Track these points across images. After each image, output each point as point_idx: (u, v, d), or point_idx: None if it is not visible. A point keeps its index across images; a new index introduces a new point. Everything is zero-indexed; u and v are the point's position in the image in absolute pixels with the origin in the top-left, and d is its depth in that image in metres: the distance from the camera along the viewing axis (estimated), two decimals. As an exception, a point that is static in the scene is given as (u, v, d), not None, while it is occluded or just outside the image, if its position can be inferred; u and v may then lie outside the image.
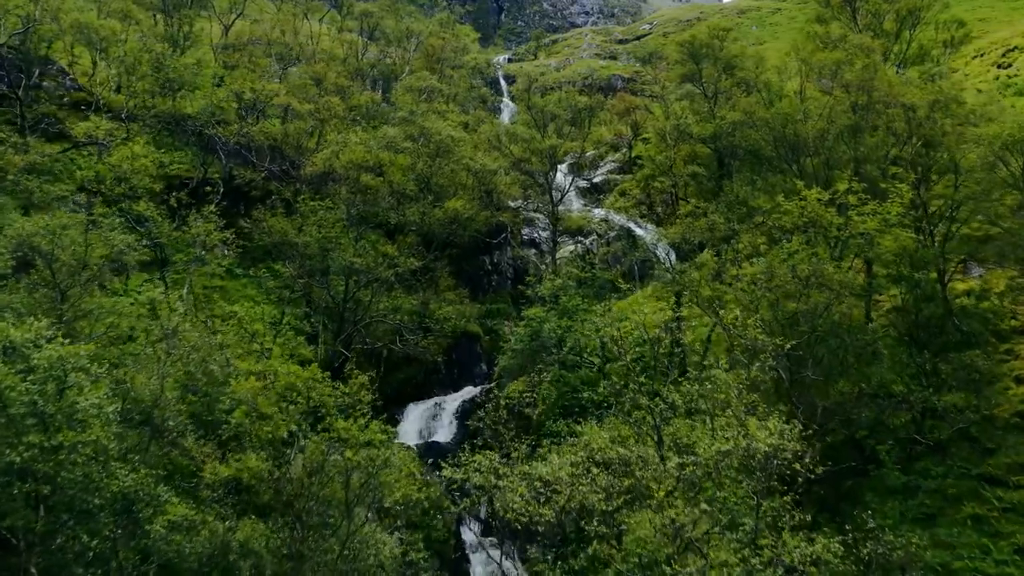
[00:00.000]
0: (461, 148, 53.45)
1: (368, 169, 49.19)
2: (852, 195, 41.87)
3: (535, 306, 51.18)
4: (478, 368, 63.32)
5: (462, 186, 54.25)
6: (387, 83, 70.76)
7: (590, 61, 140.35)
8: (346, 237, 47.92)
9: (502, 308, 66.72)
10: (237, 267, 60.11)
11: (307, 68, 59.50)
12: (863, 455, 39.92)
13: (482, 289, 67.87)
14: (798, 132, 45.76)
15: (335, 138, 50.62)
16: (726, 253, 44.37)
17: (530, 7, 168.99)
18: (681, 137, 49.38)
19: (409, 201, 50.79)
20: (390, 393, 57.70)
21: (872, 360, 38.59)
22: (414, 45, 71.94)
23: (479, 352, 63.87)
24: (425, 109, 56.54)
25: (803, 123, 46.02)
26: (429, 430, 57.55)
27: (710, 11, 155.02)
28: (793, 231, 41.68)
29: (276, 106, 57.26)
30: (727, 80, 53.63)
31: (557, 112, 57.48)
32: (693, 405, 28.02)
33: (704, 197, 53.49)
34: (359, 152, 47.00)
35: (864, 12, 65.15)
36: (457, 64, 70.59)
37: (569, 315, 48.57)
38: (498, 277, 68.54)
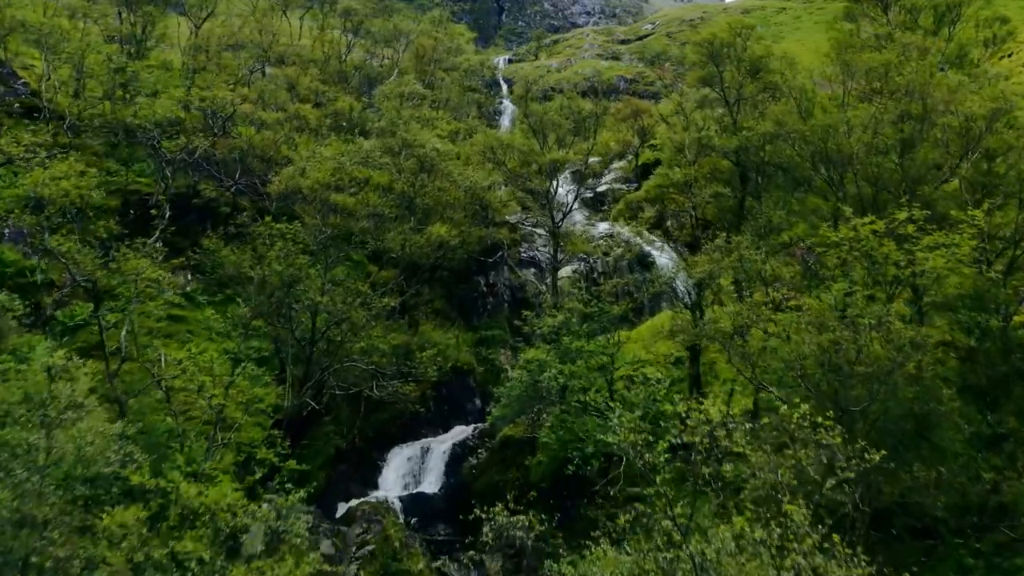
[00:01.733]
0: (448, 163, 44.88)
1: (341, 189, 40.71)
2: (911, 224, 33.38)
3: (533, 347, 42.89)
4: (471, 404, 54.76)
5: (450, 204, 45.68)
6: (373, 86, 62.11)
7: (592, 62, 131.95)
8: (314, 269, 39.36)
9: (498, 335, 58.10)
10: (200, 293, 51.63)
11: (279, 71, 50.93)
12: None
13: (476, 313, 59.26)
14: (841, 147, 37.19)
15: (304, 152, 41.97)
16: (753, 287, 35.88)
17: (531, 7, 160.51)
18: (702, 151, 40.85)
19: (390, 224, 42.28)
20: (371, 435, 49.29)
21: (940, 427, 30.20)
22: (403, 45, 63.32)
23: (472, 386, 55.26)
24: (409, 116, 47.88)
25: (846, 136, 37.45)
26: (415, 478, 49.15)
27: (713, 11, 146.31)
28: (841, 267, 33.22)
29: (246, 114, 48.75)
30: (752, 85, 44.97)
31: (558, 121, 48.89)
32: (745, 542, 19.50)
33: (724, 216, 44.94)
34: (327, 171, 38.44)
35: (898, 8, 56.47)
36: (450, 67, 61.90)
37: (572, 358, 40.25)
38: (494, 300, 59.88)
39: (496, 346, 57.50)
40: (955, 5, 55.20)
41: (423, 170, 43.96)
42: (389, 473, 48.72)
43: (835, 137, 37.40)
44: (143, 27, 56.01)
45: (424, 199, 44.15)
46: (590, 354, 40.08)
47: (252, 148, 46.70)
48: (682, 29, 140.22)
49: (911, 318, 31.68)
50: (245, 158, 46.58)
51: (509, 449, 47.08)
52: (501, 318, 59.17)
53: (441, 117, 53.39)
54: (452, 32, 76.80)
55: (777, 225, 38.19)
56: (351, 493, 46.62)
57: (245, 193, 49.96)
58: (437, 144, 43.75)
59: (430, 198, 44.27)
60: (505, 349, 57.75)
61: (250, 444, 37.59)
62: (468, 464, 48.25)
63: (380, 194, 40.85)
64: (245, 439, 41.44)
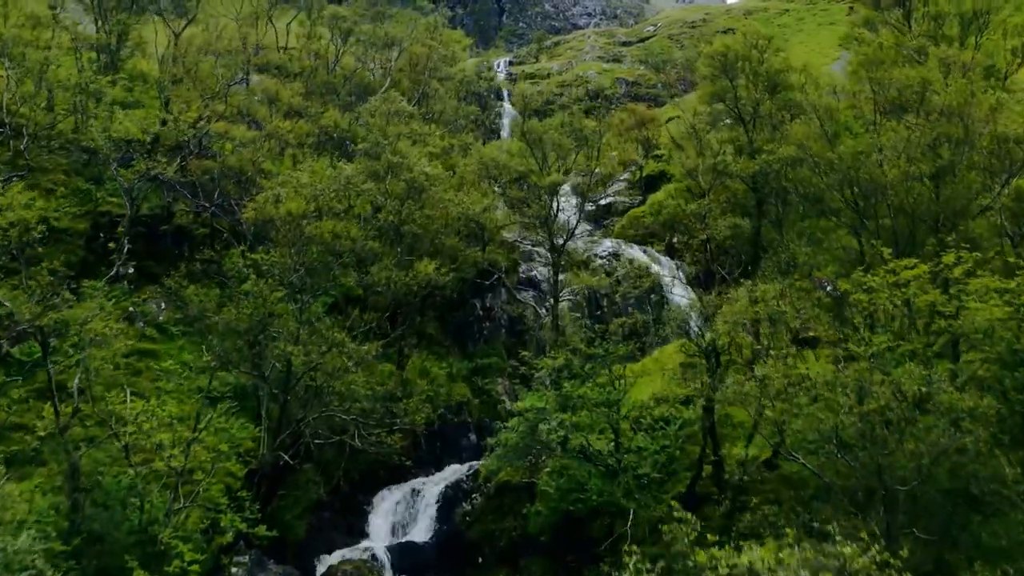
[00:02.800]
0: (438, 188, 40.05)
1: (321, 215, 35.95)
2: (959, 266, 28.68)
3: (532, 389, 38.27)
4: (465, 439, 49.96)
5: (441, 231, 40.90)
6: (364, 97, 57.22)
7: (593, 64, 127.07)
8: (290, 306, 34.61)
9: (495, 363, 53.14)
10: (175, 323, 46.83)
11: (259, 85, 46.07)
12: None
13: (471, 339, 54.35)
14: (873, 176, 32.38)
15: (281, 177, 37.10)
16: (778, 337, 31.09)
17: (531, 8, 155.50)
18: (717, 177, 35.99)
19: (373, 257, 37.54)
20: (357, 478, 44.50)
21: (1001, 513, 25.49)
22: (396, 53, 58.42)
23: (467, 420, 50.51)
24: (398, 132, 43.00)
25: (879, 164, 32.66)
26: (404, 524, 44.50)
27: (715, 12, 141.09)
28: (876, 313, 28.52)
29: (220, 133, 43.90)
30: (769, 102, 40.09)
31: (558, 140, 44.10)
32: None
33: (740, 245, 40.16)
34: (302, 200, 33.64)
35: (921, 16, 51.55)
36: (444, 76, 56.91)
37: (573, 406, 35.62)
38: (490, 325, 54.98)
39: (493, 375, 52.68)
40: (983, 12, 50.25)
41: (411, 195, 39.17)
42: (376, 519, 44.06)
43: (866, 165, 32.57)
44: (117, 36, 51.19)
45: (412, 226, 39.35)
46: (594, 402, 35.44)
47: (226, 169, 41.94)
48: (684, 31, 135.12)
49: (962, 381, 26.87)
50: (219, 180, 41.83)
51: (506, 496, 42.46)
52: (498, 344, 54.36)
53: (433, 132, 48.51)
54: (448, 38, 71.72)
55: (803, 264, 33.49)
56: (335, 543, 41.95)
57: (222, 216, 45.19)
58: (426, 167, 38.92)
59: (418, 226, 39.45)
60: (503, 378, 52.95)
61: (215, 507, 33.03)
62: (461, 510, 43.60)
63: (362, 224, 35.98)
64: (215, 491, 36.88)
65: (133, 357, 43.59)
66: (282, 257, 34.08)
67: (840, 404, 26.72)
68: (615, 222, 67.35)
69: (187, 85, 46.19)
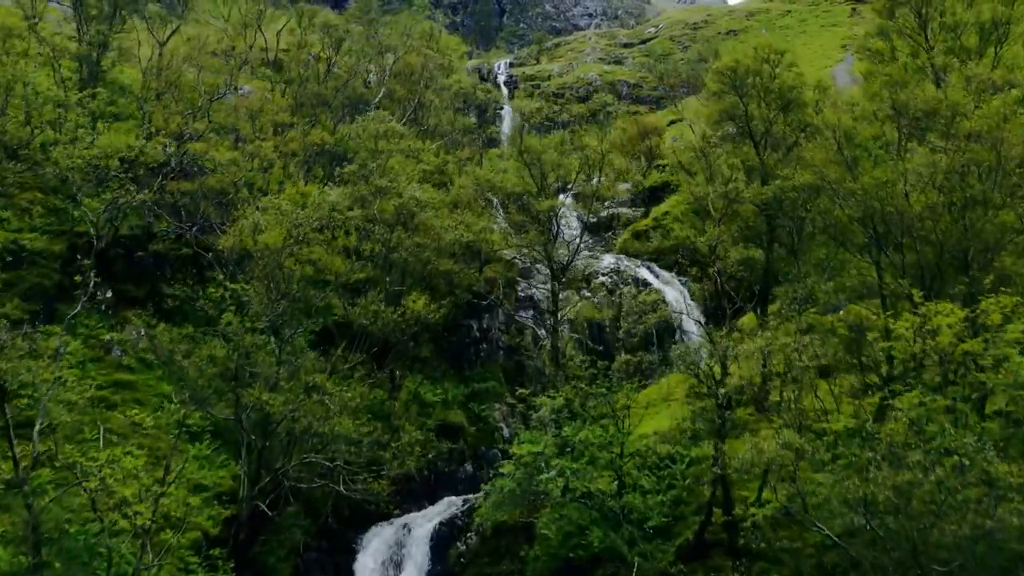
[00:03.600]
0: (430, 214, 36.92)
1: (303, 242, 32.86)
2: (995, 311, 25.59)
3: (529, 428, 35.23)
4: (461, 470, 46.83)
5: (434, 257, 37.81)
6: (358, 108, 54.08)
7: (594, 66, 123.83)
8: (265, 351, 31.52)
9: (492, 387, 49.92)
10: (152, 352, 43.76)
11: (247, 95, 42.86)
12: None
13: (468, 361, 51.13)
14: (900, 208, 29.26)
15: (264, 202, 33.92)
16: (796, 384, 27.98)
17: (532, 9, 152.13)
18: (729, 205, 32.81)
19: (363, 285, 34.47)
20: (347, 514, 41.41)
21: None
22: (390, 62, 55.16)
23: (463, 448, 47.38)
24: (388, 149, 39.84)
25: (904, 195, 29.53)
26: (395, 563, 41.48)
27: (718, 13, 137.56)
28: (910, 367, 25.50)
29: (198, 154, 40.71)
30: (782, 121, 36.85)
31: (557, 161, 41.00)
32: None
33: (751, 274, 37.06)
34: (278, 233, 30.53)
35: (938, 26, 48.23)
36: (440, 88, 53.56)
37: (574, 453, 32.62)
38: (487, 347, 51.85)
39: (490, 400, 49.52)
40: (1003, 22, 46.95)
41: (401, 221, 36.08)
42: (365, 558, 40.97)
43: (891, 195, 29.43)
44: (97, 47, 48.04)
45: (403, 252, 36.24)
46: (597, 446, 32.44)
47: (207, 190, 38.88)
48: (686, 32, 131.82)
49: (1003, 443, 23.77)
50: (199, 201, 38.79)
51: (502, 537, 39.61)
52: (496, 367, 51.18)
53: (427, 148, 45.34)
54: (445, 45, 68.34)
55: (825, 303, 30.46)
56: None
57: (203, 237, 42.08)
58: (416, 192, 35.80)
59: (408, 254, 36.33)
60: (500, 404, 49.81)
61: (186, 568, 30.05)
62: (455, 550, 40.64)
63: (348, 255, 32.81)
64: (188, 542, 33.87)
65: (108, 390, 40.71)
66: (258, 295, 30.97)
67: (866, 462, 23.73)
68: (617, 234, 64.28)
69: (169, 99, 43.00)
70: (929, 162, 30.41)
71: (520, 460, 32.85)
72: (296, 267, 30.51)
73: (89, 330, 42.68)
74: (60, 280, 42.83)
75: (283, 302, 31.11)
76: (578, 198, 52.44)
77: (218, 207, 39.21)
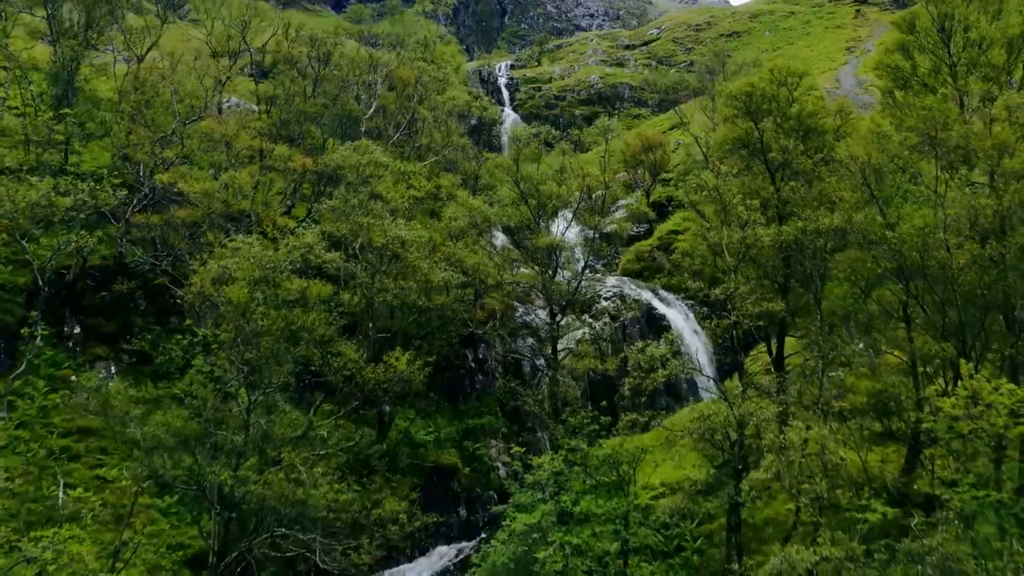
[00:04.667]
0: (415, 255, 32.91)
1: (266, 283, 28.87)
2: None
3: (526, 490, 31.32)
4: (454, 515, 42.89)
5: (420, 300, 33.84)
6: (348, 126, 50.03)
7: (596, 68, 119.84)
8: (231, 415, 27.64)
9: (488, 423, 46.06)
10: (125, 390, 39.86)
11: (213, 124, 38.69)
12: None
13: (463, 393, 47.22)
14: (941, 260, 25.32)
15: (233, 245, 29.95)
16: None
17: (533, 9, 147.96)
18: (747, 251, 28.77)
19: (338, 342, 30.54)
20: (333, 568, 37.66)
21: None
22: (382, 76, 51.03)
23: (456, 491, 43.40)
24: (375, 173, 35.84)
25: (942, 243, 25.57)
26: (383, 626, 37.73)
27: (720, 15, 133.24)
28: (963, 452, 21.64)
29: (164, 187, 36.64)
30: (804, 154, 32.74)
31: (555, 192, 37.00)
32: None
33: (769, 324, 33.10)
34: (242, 289, 26.54)
35: (960, 40, 44.12)
36: (434, 106, 49.45)
37: (573, 522, 28.76)
38: (483, 377, 47.99)
39: (485, 437, 45.68)
40: (1033, 36, 42.87)
41: (384, 264, 32.15)
42: (351, 623, 37.27)
43: (931, 247, 25.45)
44: (69, 63, 44.12)
45: (387, 297, 32.31)
46: (601, 518, 28.58)
47: (175, 223, 35.02)
48: (688, 34, 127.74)
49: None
50: (165, 237, 34.96)
51: (497, 605, 35.58)
52: (492, 400, 47.29)
53: (419, 171, 41.33)
54: (441, 53, 64.08)
55: (857, 365, 26.59)
56: (301, 652, 35.34)
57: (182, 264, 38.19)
58: (401, 231, 31.86)
59: (394, 297, 32.41)
60: (496, 440, 45.99)
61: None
62: (449, 615, 36.97)
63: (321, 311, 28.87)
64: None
65: (72, 437, 36.89)
66: (225, 351, 27.09)
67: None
68: (620, 252, 60.29)
69: (140, 124, 39.02)
70: (971, 205, 26.42)
71: (514, 532, 28.93)
72: (264, 321, 26.55)
73: (55, 369, 39.17)
74: (24, 315, 39.21)
75: (253, 353, 27.15)
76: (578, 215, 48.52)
77: (191, 239, 35.26)
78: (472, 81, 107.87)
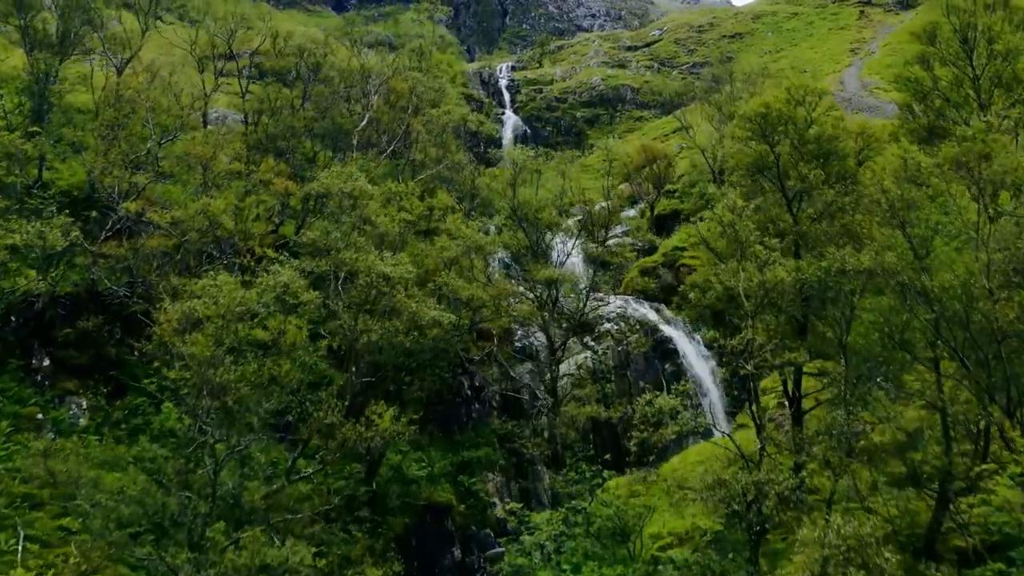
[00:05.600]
0: (400, 295, 29.63)
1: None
2: None
3: (522, 552, 28.10)
4: (448, 557, 39.69)
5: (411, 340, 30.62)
6: (338, 140, 46.74)
7: (598, 70, 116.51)
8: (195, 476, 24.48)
9: (484, 455, 42.74)
10: (100, 426, 36.74)
11: (188, 141, 35.35)
12: None
13: (458, 423, 43.91)
14: (987, 312, 22.09)
15: (201, 284, 26.72)
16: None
17: (535, 10, 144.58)
18: (766, 295, 25.47)
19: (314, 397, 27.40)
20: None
21: None
22: (375, 86, 47.66)
23: (450, 530, 40.17)
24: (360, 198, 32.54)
25: (987, 292, 22.35)
26: None
27: (723, 15, 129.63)
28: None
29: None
30: (820, 176, 29.45)
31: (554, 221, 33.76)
32: None
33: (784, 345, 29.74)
34: (205, 343, 23.34)
35: (984, 52, 40.84)
36: (428, 120, 45.97)
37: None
38: (480, 406, 44.76)
39: (482, 470, 42.41)
40: (1063, 47, 39.59)
41: (367, 303, 28.94)
42: None
43: (975, 297, 22.21)
44: (44, 77, 40.91)
45: (371, 337, 29.07)
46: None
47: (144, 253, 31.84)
48: (690, 35, 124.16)
49: None
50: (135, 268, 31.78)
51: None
52: (488, 431, 43.95)
53: (411, 191, 38.07)
54: (437, 61, 60.63)
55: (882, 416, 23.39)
56: None
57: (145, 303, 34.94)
58: (386, 268, 28.60)
59: (379, 338, 29.17)
60: (494, 474, 42.75)
61: None
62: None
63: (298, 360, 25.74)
64: None
65: (35, 483, 33.80)
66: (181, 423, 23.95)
67: None
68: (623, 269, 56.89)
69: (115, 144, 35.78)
70: (1018, 246, 23.14)
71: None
72: (230, 375, 23.36)
73: (20, 406, 36.02)
74: (-12, 345, 36.17)
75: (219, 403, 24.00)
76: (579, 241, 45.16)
77: (162, 271, 32.05)
78: (473, 83, 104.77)
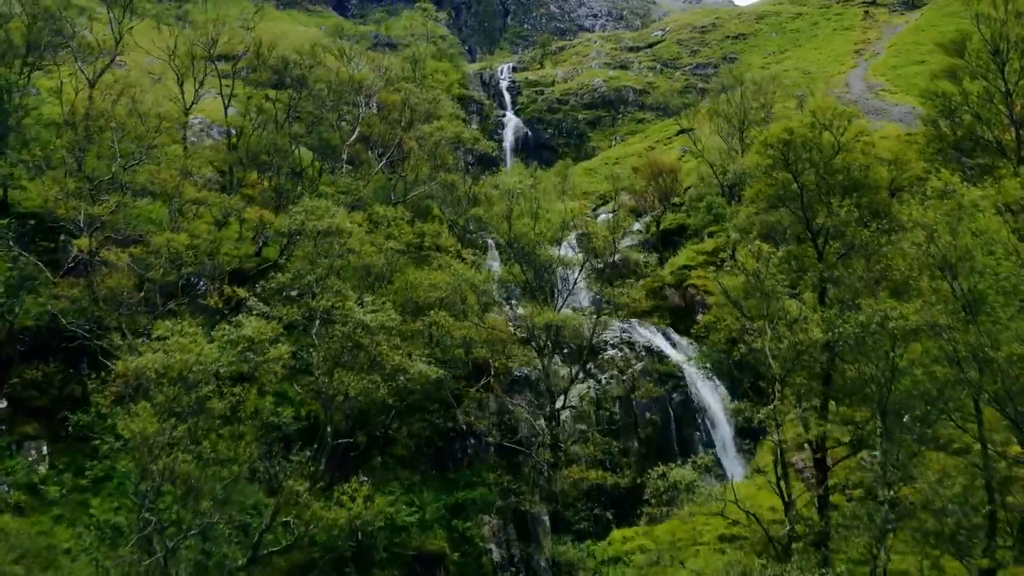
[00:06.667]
0: (383, 345, 25.95)
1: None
2: None
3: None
4: (441, 612, 36.25)
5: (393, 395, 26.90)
6: (327, 153, 42.92)
7: (599, 71, 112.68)
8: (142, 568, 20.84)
9: (480, 495, 38.97)
10: (60, 473, 32.98)
11: (154, 168, 31.54)
12: None
13: (452, 459, 40.12)
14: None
15: (159, 332, 23.06)
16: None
17: (536, 10, 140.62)
18: (798, 357, 21.71)
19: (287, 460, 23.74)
20: None
21: None
22: (365, 99, 43.80)
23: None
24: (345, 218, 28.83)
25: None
26: None
27: (726, 16, 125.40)
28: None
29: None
30: (848, 207, 25.67)
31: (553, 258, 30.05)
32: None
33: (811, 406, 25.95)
34: (150, 420, 19.63)
35: (1018, 66, 37.01)
36: (421, 136, 42.06)
37: None
38: (475, 441, 40.97)
39: (477, 513, 38.63)
40: (1104, 63, 35.70)
41: (345, 352, 25.26)
42: None
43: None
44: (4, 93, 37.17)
45: (347, 393, 25.37)
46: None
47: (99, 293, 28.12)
48: (693, 36, 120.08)
49: None
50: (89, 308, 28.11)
51: None
52: (485, 468, 40.14)
53: (400, 215, 34.31)
54: (432, 70, 56.64)
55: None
56: None
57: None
58: (365, 317, 24.92)
59: (359, 393, 25.46)
60: (490, 516, 38.98)
61: None
62: None
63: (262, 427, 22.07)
64: None
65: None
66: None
67: None
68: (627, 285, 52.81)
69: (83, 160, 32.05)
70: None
71: None
72: (182, 465, 19.69)
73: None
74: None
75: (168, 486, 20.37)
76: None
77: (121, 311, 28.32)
78: (473, 84, 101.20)
